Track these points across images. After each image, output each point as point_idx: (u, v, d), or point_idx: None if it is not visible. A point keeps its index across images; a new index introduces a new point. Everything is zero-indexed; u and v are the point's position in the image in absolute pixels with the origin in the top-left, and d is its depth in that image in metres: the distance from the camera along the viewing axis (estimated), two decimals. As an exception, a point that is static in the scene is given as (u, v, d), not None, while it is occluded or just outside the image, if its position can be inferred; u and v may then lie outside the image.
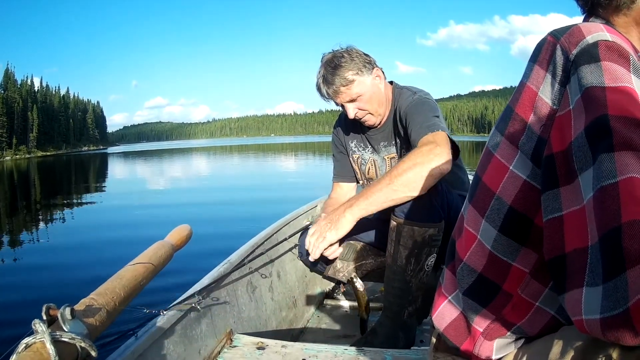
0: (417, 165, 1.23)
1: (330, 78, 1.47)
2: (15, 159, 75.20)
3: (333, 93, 1.49)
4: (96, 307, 0.75)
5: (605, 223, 0.44)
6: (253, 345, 1.28)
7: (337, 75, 1.46)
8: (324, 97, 1.54)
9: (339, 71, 1.46)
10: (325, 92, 1.51)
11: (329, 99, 1.54)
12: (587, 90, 0.51)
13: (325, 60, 1.50)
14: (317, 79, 1.53)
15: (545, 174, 0.55)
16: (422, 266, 1.33)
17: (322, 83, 1.50)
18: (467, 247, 0.67)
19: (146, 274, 0.92)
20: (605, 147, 0.46)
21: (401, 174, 1.24)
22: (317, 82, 1.53)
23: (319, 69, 1.52)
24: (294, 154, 33.83)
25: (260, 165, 22.27)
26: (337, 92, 1.49)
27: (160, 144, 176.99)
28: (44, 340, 0.61)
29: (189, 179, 15.44)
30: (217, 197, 9.60)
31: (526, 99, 0.59)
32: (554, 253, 0.53)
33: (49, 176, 22.93)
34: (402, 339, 1.38)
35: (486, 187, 0.64)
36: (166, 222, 5.85)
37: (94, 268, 4.09)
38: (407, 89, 1.57)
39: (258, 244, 1.73)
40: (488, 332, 0.65)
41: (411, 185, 1.24)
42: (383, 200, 1.26)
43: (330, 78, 1.47)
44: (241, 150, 51.08)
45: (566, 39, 0.56)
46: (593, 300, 0.45)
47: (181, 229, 1.22)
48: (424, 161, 1.23)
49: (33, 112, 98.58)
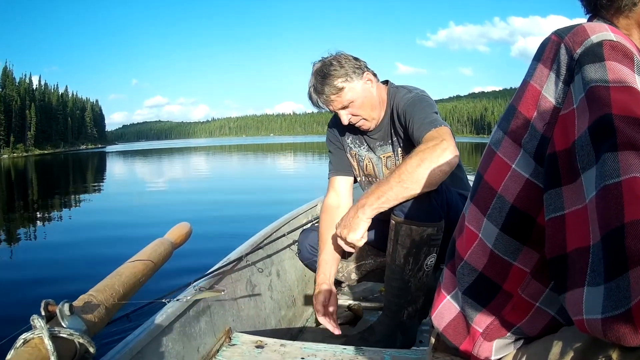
0: (425, 161, 1.23)
1: (320, 87, 1.47)
2: (12, 157, 75.01)
3: (324, 102, 1.50)
4: (95, 304, 0.75)
5: (608, 222, 0.44)
6: (252, 343, 1.27)
7: (327, 84, 1.45)
8: (316, 106, 1.54)
9: (329, 80, 1.45)
10: (316, 101, 1.51)
11: (321, 107, 1.55)
12: (591, 89, 0.50)
13: (315, 70, 1.50)
14: (309, 88, 1.53)
15: (547, 172, 0.55)
16: (420, 266, 1.33)
17: (312, 92, 1.50)
18: (468, 246, 0.67)
19: (145, 271, 0.92)
20: (609, 147, 0.46)
21: (411, 171, 1.23)
22: (309, 92, 1.53)
23: (309, 79, 1.52)
24: (292, 153, 33.80)
25: (259, 165, 22.26)
26: (328, 101, 1.49)
27: (159, 143, 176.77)
28: (42, 335, 0.61)
29: (189, 179, 15.42)
30: (217, 196, 9.60)
31: (529, 98, 0.59)
32: (555, 252, 0.53)
33: (46, 174, 22.90)
34: (399, 339, 1.37)
35: (488, 185, 0.64)
36: (166, 220, 5.84)
37: (93, 265, 4.09)
38: (402, 88, 1.56)
39: (258, 242, 1.73)
40: (487, 332, 0.65)
41: (422, 182, 1.23)
42: (394, 198, 1.26)
43: (320, 87, 1.47)
44: (240, 149, 51.06)
45: (570, 38, 0.56)
46: (594, 300, 0.45)
47: (181, 226, 1.21)
48: (432, 156, 1.23)
49: (31, 110, 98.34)
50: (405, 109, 1.46)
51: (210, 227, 5.54)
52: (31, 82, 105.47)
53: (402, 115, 1.47)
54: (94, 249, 5.00)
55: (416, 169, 1.23)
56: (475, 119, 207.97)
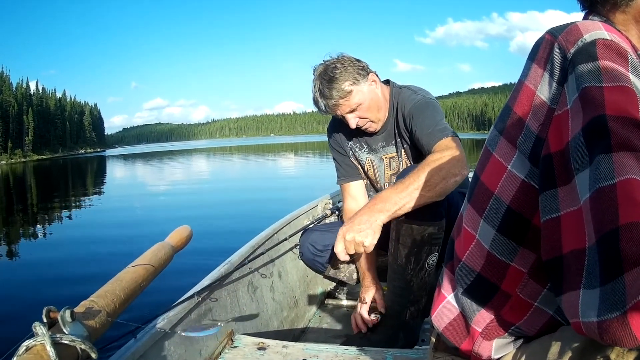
0: (443, 170, 1.23)
1: (328, 92, 1.43)
2: (10, 163, 74.63)
3: (332, 106, 1.46)
4: (96, 309, 0.75)
5: (603, 225, 0.44)
6: (254, 345, 1.27)
7: (334, 88, 1.42)
8: (323, 111, 1.50)
9: (335, 83, 1.42)
10: (323, 106, 1.48)
11: (328, 112, 1.52)
12: (585, 89, 0.50)
13: (319, 73, 1.47)
14: (314, 93, 1.49)
15: (542, 174, 0.55)
16: (422, 265, 1.33)
17: (319, 97, 1.47)
18: (466, 247, 0.67)
19: (146, 276, 0.92)
20: (602, 148, 0.46)
21: (430, 178, 1.22)
22: (314, 97, 1.49)
23: (313, 83, 1.49)
24: (294, 154, 33.69)
25: (261, 167, 22.18)
26: (337, 105, 1.46)
27: (159, 146, 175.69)
28: (45, 342, 0.61)
29: (190, 182, 15.38)
30: (217, 198, 9.59)
31: (524, 98, 0.59)
32: (551, 254, 0.53)
33: (45, 180, 22.76)
34: (401, 339, 1.37)
35: (485, 186, 0.64)
36: (166, 223, 5.84)
37: (93, 270, 4.08)
38: (407, 89, 1.55)
39: (259, 244, 1.73)
40: (487, 332, 0.65)
41: (438, 191, 1.24)
42: (410, 206, 1.23)
43: (328, 92, 1.43)
44: (241, 150, 50.93)
45: (564, 37, 0.55)
46: (590, 303, 0.45)
47: (181, 230, 1.21)
48: (449, 167, 1.24)
49: (28, 115, 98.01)
50: (412, 112, 1.45)
51: (211, 230, 5.54)
52: (28, 86, 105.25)
53: (408, 117, 1.46)
54: (94, 254, 5.00)
55: (435, 177, 1.23)
56: (476, 115, 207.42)
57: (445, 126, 1.37)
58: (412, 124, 1.44)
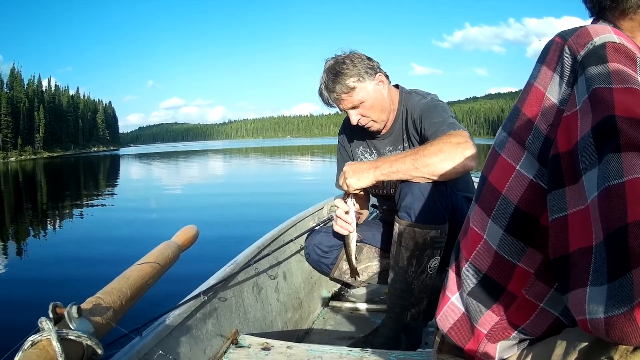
0: (443, 152, 1.24)
1: (332, 85, 1.45)
2: (20, 159, 74.89)
3: (334, 100, 1.49)
4: (103, 306, 0.76)
5: (611, 222, 0.44)
6: (258, 345, 1.28)
7: (338, 82, 1.44)
8: (326, 103, 1.53)
9: (340, 78, 1.44)
10: (326, 98, 1.51)
11: (331, 105, 1.54)
12: (595, 91, 0.51)
13: (327, 67, 1.49)
14: (320, 85, 1.52)
15: (551, 173, 0.55)
16: (424, 268, 1.32)
17: (323, 89, 1.50)
18: (473, 247, 0.67)
19: (152, 274, 0.92)
20: (612, 148, 0.46)
21: (427, 155, 1.24)
22: (320, 88, 1.52)
23: (321, 75, 1.51)
24: (310, 156, 33.43)
25: (276, 168, 21.82)
26: (339, 99, 1.48)
27: (175, 145, 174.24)
28: (50, 337, 0.61)
29: (203, 184, 15.31)
30: (228, 200, 9.57)
31: (533, 99, 0.60)
32: (558, 253, 0.53)
33: (55, 178, 22.82)
34: (404, 341, 1.37)
35: (492, 187, 0.64)
36: (174, 222, 5.87)
37: (100, 267, 4.12)
38: (416, 93, 1.55)
39: (264, 245, 1.74)
40: (492, 333, 0.65)
41: (433, 170, 1.24)
42: (403, 173, 1.28)
43: (332, 85, 1.45)
44: (257, 152, 50.72)
45: (574, 40, 0.56)
46: (597, 300, 0.45)
47: (188, 229, 1.22)
48: (451, 151, 1.24)
49: (40, 112, 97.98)
50: (421, 114, 1.45)
51: (218, 230, 5.56)
52: (40, 83, 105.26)
53: (417, 120, 1.47)
54: (101, 251, 5.04)
55: (432, 157, 1.24)
56: (492, 120, 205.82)
57: (454, 122, 1.37)
58: (422, 125, 1.44)
